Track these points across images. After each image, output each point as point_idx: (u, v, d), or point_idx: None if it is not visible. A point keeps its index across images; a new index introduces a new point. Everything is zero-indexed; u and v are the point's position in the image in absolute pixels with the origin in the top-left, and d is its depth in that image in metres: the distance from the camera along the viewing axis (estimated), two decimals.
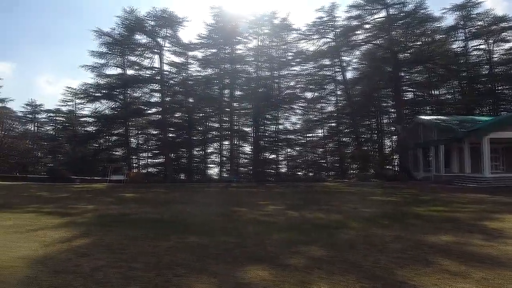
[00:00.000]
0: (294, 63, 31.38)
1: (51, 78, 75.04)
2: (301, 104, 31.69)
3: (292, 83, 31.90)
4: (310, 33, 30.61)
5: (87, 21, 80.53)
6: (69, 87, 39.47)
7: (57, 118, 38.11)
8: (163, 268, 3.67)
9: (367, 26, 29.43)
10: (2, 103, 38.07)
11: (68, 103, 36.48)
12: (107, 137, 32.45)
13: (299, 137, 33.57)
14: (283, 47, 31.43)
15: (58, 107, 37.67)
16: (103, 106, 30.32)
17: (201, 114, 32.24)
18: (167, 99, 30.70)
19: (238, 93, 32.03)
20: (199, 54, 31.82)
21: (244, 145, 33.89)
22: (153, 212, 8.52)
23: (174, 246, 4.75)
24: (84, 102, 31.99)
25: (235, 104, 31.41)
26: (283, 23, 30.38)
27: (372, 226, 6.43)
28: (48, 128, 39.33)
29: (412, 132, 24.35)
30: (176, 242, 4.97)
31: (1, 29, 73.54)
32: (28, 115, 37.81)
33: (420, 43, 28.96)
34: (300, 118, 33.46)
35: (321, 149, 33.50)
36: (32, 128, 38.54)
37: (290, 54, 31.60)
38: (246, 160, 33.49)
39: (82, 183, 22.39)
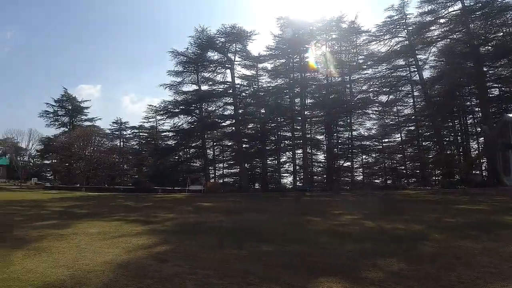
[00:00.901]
0: (366, 66, 38.81)
1: (134, 98, 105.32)
2: (376, 108, 38.73)
3: (364, 87, 39.06)
4: (380, 33, 38.02)
5: (165, 43, 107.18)
6: (150, 105, 54.32)
7: (140, 133, 53.34)
8: (236, 276, 4.84)
9: (442, 20, 34.94)
10: (91, 122, 55.46)
11: (150, 120, 50.85)
12: (185, 149, 44.39)
13: (375, 143, 40.15)
14: (353, 50, 39.42)
15: (142, 123, 52.58)
16: (181, 121, 42.75)
17: (273, 124, 41.72)
18: (240, 111, 41.54)
19: (309, 101, 41.25)
20: (268, 65, 41.99)
21: (318, 153, 42.87)
22: (228, 221, 10.78)
23: (247, 254, 6.14)
24: (164, 118, 45.05)
25: (306, 112, 40.18)
26: (352, 26, 38.27)
27: (457, 238, 7.25)
28: (133, 143, 55.03)
29: (501, 132, 27.65)
30: (249, 251, 6.39)
31: (90, 57, 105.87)
32: (115, 132, 54.28)
33: (502, 34, 32.77)
34: (375, 123, 39.80)
35: (399, 155, 39.95)
36: (119, 143, 54.50)
37: (361, 57, 39.48)
38: (320, 169, 42.49)
39: (163, 193, 30.28)
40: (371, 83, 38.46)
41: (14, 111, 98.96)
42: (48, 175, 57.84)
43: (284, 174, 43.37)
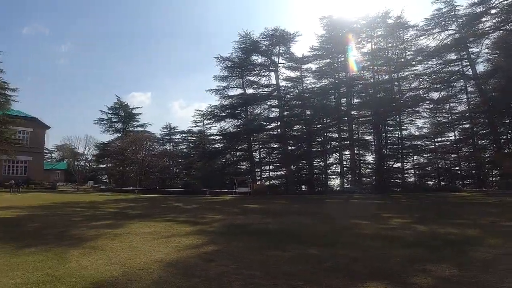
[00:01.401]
0: (415, 62, 39.86)
1: (183, 103, 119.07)
2: (427, 106, 39.95)
3: (414, 84, 40.07)
4: (429, 27, 39.04)
5: (210, 49, 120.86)
6: (198, 110, 60.29)
7: (189, 137, 60.91)
8: (280, 277, 5.48)
9: (493, 11, 35.44)
10: (143, 127, 61.26)
11: (198, 124, 58.72)
12: (232, 152, 48.76)
13: (427, 142, 41.81)
14: (400, 46, 40.70)
15: (190, 128, 60.46)
16: (228, 124, 47.22)
17: (319, 125, 44.75)
18: (286, 113, 44.32)
19: (356, 100, 43.38)
20: (313, 66, 44.82)
21: (366, 154, 44.97)
22: (274, 223, 12.10)
23: (292, 256, 6.93)
24: (211, 122, 50.49)
25: (353, 112, 42.46)
26: (398, 21, 39.81)
27: None
28: (182, 147, 63.22)
29: None
30: (294, 253, 7.22)
31: (141, 66, 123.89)
32: (165, 137, 62.11)
33: None
34: (427, 122, 41.49)
35: (453, 155, 41.07)
36: (169, 147, 61.88)
37: (409, 53, 40.59)
38: (369, 170, 44.37)
39: (211, 195, 33.53)
40: (421, 79, 39.60)
41: (71, 118, 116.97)
42: (103, 178, 67.26)
43: (331, 176, 46.59)
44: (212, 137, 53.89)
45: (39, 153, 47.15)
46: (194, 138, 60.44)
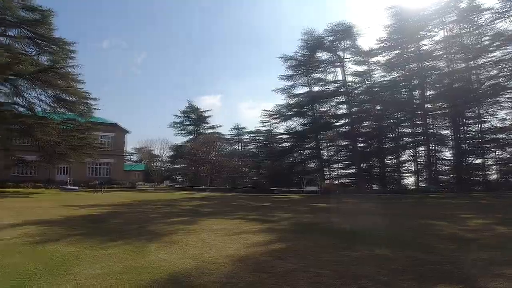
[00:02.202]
0: (493, 48, 36.23)
1: (250, 104, 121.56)
2: (509, 95, 36.59)
3: (493, 72, 36.56)
4: (506, 9, 35.40)
5: (275, 49, 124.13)
6: (265, 110, 62.21)
7: (257, 137, 62.22)
8: (348, 277, 5.47)
9: None
10: (213, 129, 63.56)
11: (265, 124, 59.49)
12: (300, 151, 48.81)
13: (511, 135, 37.45)
14: (475, 32, 37.60)
15: (258, 128, 61.53)
16: (295, 123, 47.34)
17: (390, 121, 42.70)
18: (354, 109, 43.14)
19: (430, 92, 40.85)
20: (381, 58, 42.95)
21: (443, 150, 41.72)
22: (343, 222, 12.00)
23: (361, 256, 6.88)
24: (278, 122, 51.10)
25: (428, 106, 40.19)
26: (471, 4, 37.06)
27: None
28: (251, 147, 64.63)
29: None
30: (363, 253, 7.16)
31: (210, 70, 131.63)
32: (234, 137, 64.45)
33: None
34: (510, 112, 37.49)
35: None
36: (238, 147, 64.02)
37: (485, 38, 37.04)
38: (446, 167, 41.25)
39: (280, 194, 33.54)
40: (501, 66, 36.29)
41: (148, 123, 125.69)
42: (178, 177, 70.00)
43: (405, 174, 44.15)
44: (279, 136, 54.34)
45: (120, 155, 50.75)
46: (262, 138, 61.42)
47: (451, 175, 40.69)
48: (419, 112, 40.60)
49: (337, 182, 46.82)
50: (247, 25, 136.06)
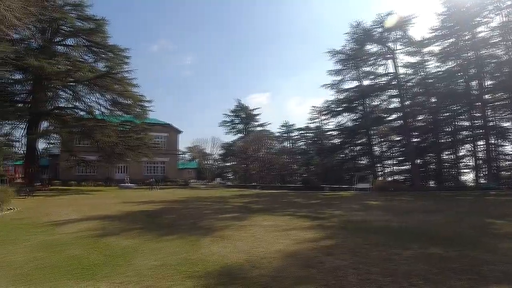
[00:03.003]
0: None
1: (298, 101, 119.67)
2: None
3: None
4: None
5: (322, 44, 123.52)
6: (314, 106, 60.29)
7: (307, 134, 61.54)
8: (399, 276, 5.42)
9: None
10: (262, 127, 63.64)
11: (315, 120, 58.82)
12: (351, 147, 47.63)
13: None
14: None
15: (307, 124, 61.09)
16: (345, 118, 46.35)
17: (447, 114, 40.42)
18: (407, 102, 41.16)
19: (488, 82, 38.15)
20: (435, 48, 40.21)
21: (504, 144, 39.15)
22: (396, 220, 11.76)
23: (413, 255, 6.79)
24: (328, 118, 50.20)
25: (487, 96, 37.66)
26: None
27: None
28: (300, 144, 64.09)
29: None
30: (416, 252, 7.08)
31: (257, 68, 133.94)
32: (283, 135, 64.15)
33: None
34: None
35: None
36: (288, 145, 63.39)
37: None
38: (508, 163, 38.91)
39: (330, 191, 32.83)
40: None
41: (199, 122, 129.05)
42: (229, 175, 70.49)
43: (463, 170, 41.71)
44: (329, 132, 53.45)
45: (173, 154, 52.49)
46: (311, 135, 60.72)
47: None
48: (477, 104, 38.17)
49: (390, 179, 45.14)
50: (293, 21, 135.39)
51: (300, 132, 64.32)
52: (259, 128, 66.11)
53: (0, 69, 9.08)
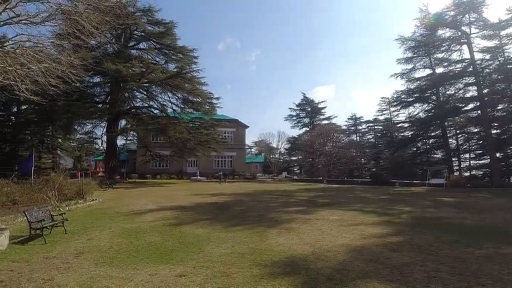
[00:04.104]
0: None
1: (366, 92, 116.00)
2: None
3: None
4: None
5: (390, 32, 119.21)
6: (383, 97, 58.17)
7: (375, 127, 59.19)
8: (467, 274, 5.32)
9: None
10: (328, 120, 61.34)
11: (384, 112, 56.68)
12: (424, 140, 45.01)
13: None
14: None
15: (376, 117, 58.82)
16: (417, 109, 43.24)
17: None
18: (485, 91, 37.03)
19: None
20: None
21: None
22: (471, 218, 11.40)
23: (486, 254, 6.61)
24: (398, 109, 46.95)
25: None
26: None
27: None
28: (369, 137, 62.01)
29: None
30: (489, 251, 6.88)
31: (322, 60, 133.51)
32: (351, 128, 62.25)
33: None
34: None
35: None
36: (355, 138, 61.59)
37: None
38: None
39: (400, 186, 31.78)
40: None
41: (265, 117, 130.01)
42: (295, 169, 70.90)
43: None
44: (400, 124, 50.66)
45: (241, 149, 53.76)
46: (381, 127, 58.24)
47: None
48: None
49: (467, 174, 42.30)
50: (357, 8, 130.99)
51: (368, 124, 62.16)
52: (325, 122, 64.85)
53: (81, 74, 10.06)
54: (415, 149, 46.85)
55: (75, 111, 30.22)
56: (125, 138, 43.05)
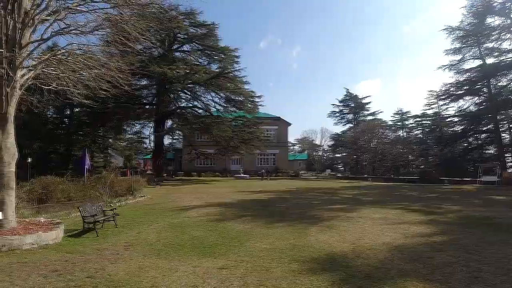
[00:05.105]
0: None
1: (413, 86, 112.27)
2: None
3: None
4: None
5: (436, 22, 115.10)
6: (430, 91, 55.73)
7: (423, 122, 56.53)
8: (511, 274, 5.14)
9: None
10: (373, 116, 60.62)
11: (432, 106, 54.12)
12: (475, 135, 43.07)
13: None
14: None
15: (424, 111, 56.12)
16: (467, 103, 41.62)
17: None
18: None
19: None
20: None
21: None
22: None
23: None
24: (447, 103, 45.16)
25: None
26: None
27: None
28: (416, 132, 59.12)
29: None
30: None
31: (365, 55, 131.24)
32: (397, 123, 60.05)
33: None
34: None
35: None
36: (402, 134, 59.46)
37: None
38: None
39: (450, 184, 30.69)
40: None
41: (307, 114, 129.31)
42: (339, 166, 69.47)
43: None
44: (449, 119, 48.49)
45: (284, 146, 53.83)
46: (429, 122, 55.71)
47: None
48: None
49: None
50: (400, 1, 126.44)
51: (415, 119, 59.49)
52: (369, 117, 63.10)
53: (128, 78, 10.67)
54: (465, 144, 44.72)
55: (125, 112, 31.70)
56: (171, 137, 44.64)
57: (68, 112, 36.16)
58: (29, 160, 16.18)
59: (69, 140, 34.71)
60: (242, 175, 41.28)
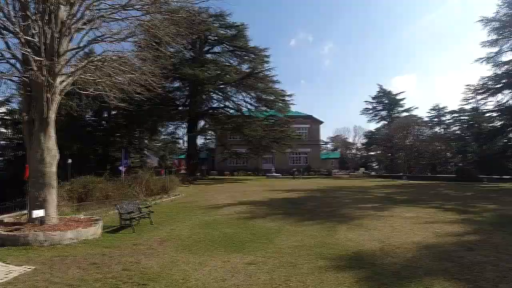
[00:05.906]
0: None
1: (450, 80, 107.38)
2: None
3: None
4: None
5: (470, 13, 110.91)
6: (468, 85, 52.85)
7: (461, 117, 54.40)
8: None
9: None
10: (408, 112, 59.02)
11: (470, 101, 51.95)
12: None
13: None
14: None
15: (461, 106, 53.97)
16: (506, 97, 39.71)
17: None
18: None
19: None
20: None
21: None
22: None
23: None
24: (485, 97, 43.24)
25: None
26: None
27: None
28: (454, 129, 56.73)
29: None
30: None
31: (399, 48, 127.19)
32: (434, 119, 58.17)
33: None
34: None
35: None
36: (439, 130, 57.68)
37: None
38: None
39: (489, 182, 29.68)
40: None
41: (340, 112, 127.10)
42: (373, 164, 67.48)
43: None
44: (488, 114, 46.48)
45: (316, 145, 53.48)
46: (467, 118, 53.43)
47: None
48: None
49: None
50: None
51: (453, 115, 57.02)
52: (404, 114, 61.38)
53: (161, 81, 11.11)
54: (505, 140, 42.75)
55: (159, 114, 32.61)
56: (204, 137, 45.38)
57: (106, 115, 37.46)
58: (69, 161, 16.98)
59: (107, 142, 35.99)
60: (274, 174, 41.54)
